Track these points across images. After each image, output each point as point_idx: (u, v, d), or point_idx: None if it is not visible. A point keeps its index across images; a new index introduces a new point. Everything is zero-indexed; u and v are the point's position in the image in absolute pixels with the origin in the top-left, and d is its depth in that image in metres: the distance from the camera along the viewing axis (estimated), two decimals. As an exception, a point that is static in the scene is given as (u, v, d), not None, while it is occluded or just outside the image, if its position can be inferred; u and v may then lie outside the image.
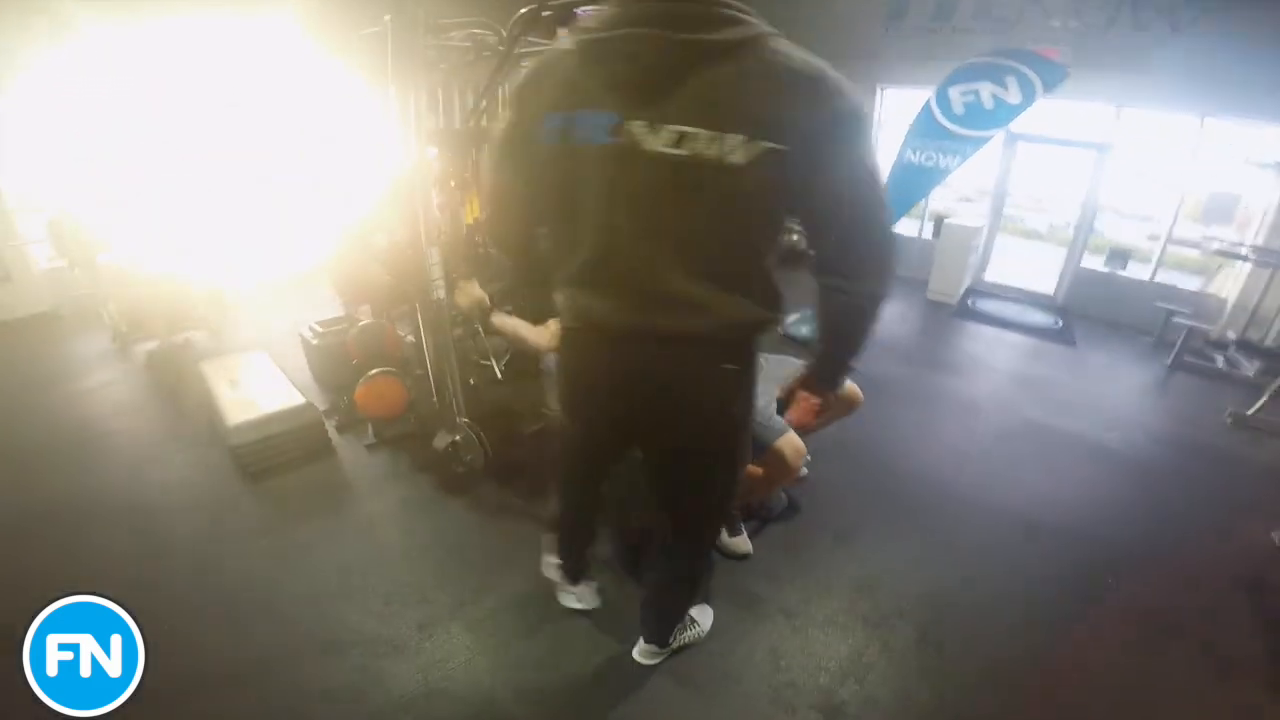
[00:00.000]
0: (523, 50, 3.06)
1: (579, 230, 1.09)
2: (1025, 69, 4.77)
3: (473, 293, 2.21)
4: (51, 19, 3.80)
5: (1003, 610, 2.05)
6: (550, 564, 1.89)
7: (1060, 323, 5.32)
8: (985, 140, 5.23)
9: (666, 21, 0.94)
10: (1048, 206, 8.48)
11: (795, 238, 1.18)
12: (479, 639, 1.78)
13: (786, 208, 1.07)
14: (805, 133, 0.97)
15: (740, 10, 0.97)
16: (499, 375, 3.44)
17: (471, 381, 2.75)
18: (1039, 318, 5.43)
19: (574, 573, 1.85)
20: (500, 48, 3.18)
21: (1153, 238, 6.30)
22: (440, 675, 1.65)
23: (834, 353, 1.24)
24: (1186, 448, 3.38)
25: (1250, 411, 3.58)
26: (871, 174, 1.05)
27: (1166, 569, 2.32)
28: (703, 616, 1.83)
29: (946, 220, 5.78)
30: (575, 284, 1.16)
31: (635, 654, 1.73)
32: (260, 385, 2.85)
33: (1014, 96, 4.90)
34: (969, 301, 5.65)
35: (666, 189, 1.01)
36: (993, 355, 4.60)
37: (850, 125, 1.00)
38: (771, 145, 0.96)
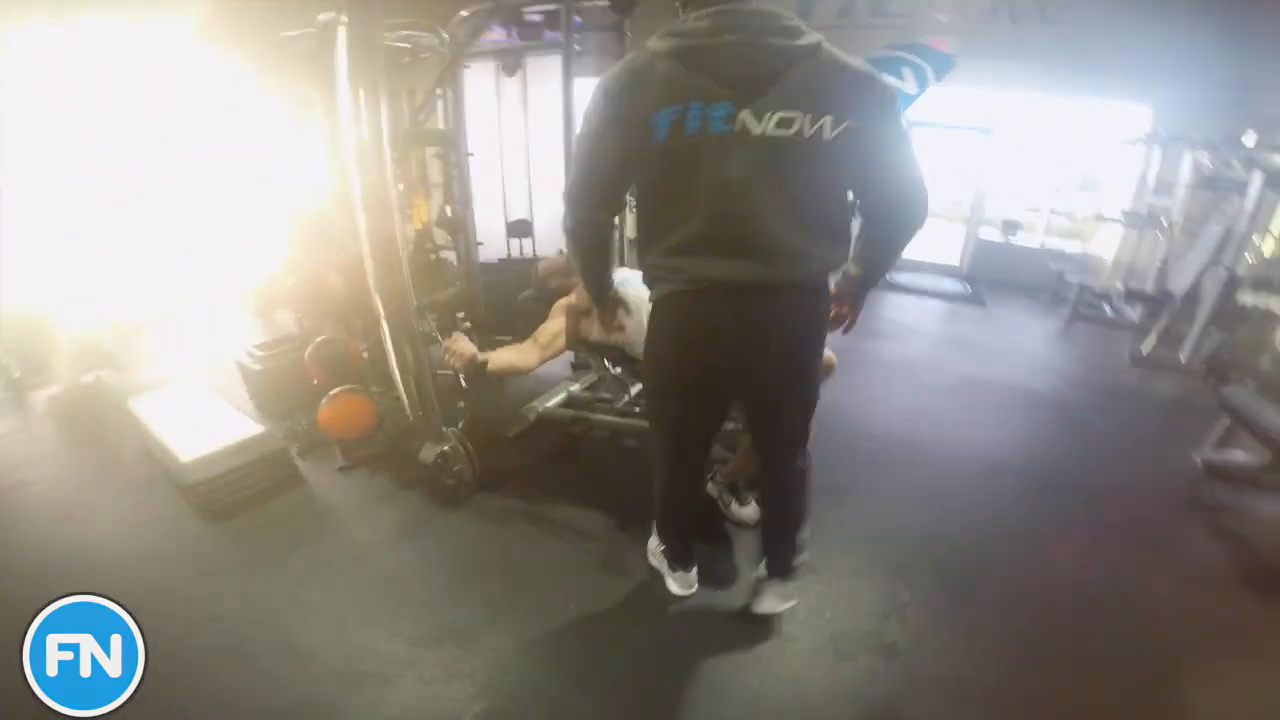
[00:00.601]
0: (472, 50, 2.99)
1: (690, 205, 1.27)
2: (919, 60, 5.17)
3: (463, 350, 2.20)
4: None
5: (997, 542, 2.22)
6: (655, 550, 1.95)
7: (969, 288, 5.83)
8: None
9: (763, 30, 1.19)
10: (940, 186, 9.21)
11: None
12: (526, 647, 1.69)
13: (858, 168, 1.30)
14: (869, 112, 1.25)
15: (800, 21, 1.24)
16: (463, 383, 3.31)
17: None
18: (950, 285, 5.92)
19: (682, 556, 1.86)
20: (440, 48, 3.09)
21: (1032, 209, 7.04)
22: (503, 690, 1.55)
23: (872, 272, 1.50)
24: (1099, 387, 3.80)
25: (1144, 351, 4.09)
26: (910, 140, 1.36)
27: (1117, 494, 2.59)
28: None
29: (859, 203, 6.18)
30: (689, 252, 1.31)
31: (763, 607, 1.74)
32: (207, 417, 2.57)
33: (910, 86, 5.30)
34: (886, 276, 6.06)
35: (776, 163, 1.24)
36: (918, 321, 4.96)
37: (896, 105, 1.31)
38: (849, 123, 1.23)
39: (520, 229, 3.41)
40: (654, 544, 1.98)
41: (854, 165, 1.28)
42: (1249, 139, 3.73)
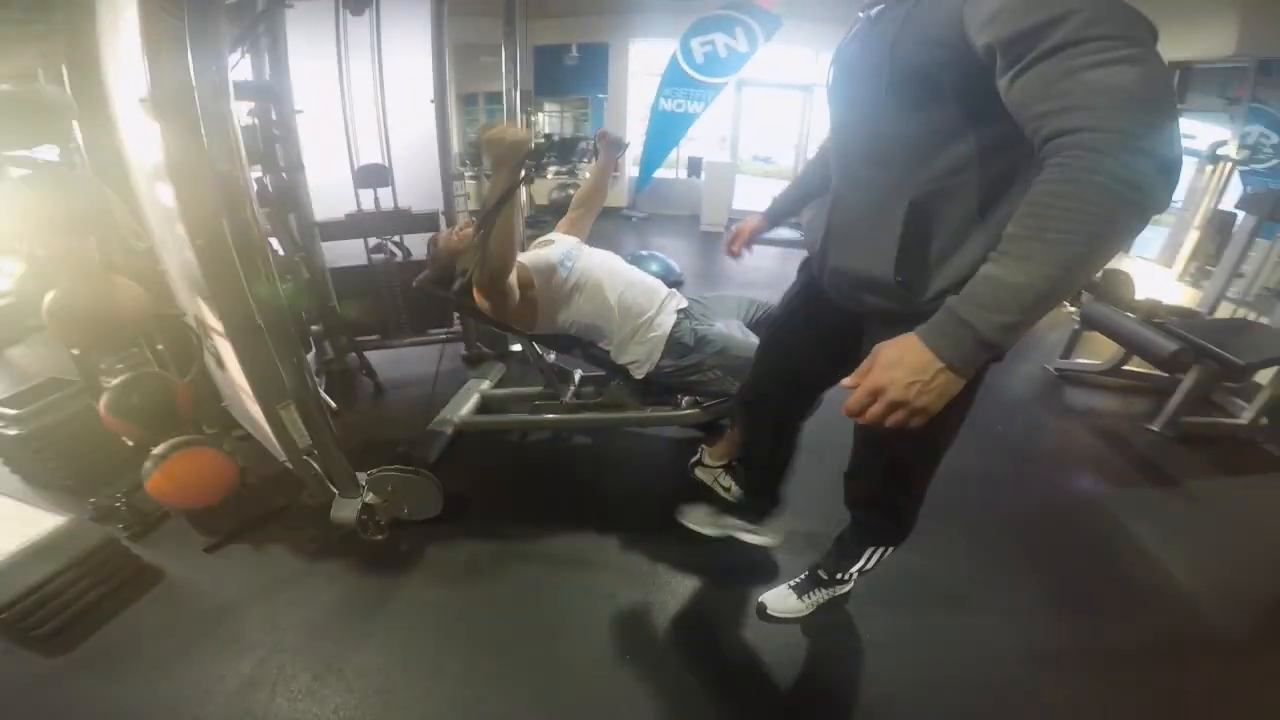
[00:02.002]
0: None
1: None
2: (749, 20, 5.26)
3: (514, 135, 1.48)
4: None
5: (959, 475, 2.31)
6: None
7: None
8: (723, 85, 5.70)
9: None
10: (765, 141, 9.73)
11: None
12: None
13: None
14: None
15: None
16: (333, 405, 2.64)
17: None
18: (787, 233, 6.28)
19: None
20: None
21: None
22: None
23: None
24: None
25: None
26: None
27: (1007, 407, 2.90)
28: None
29: (707, 160, 6.22)
30: None
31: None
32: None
33: (742, 45, 5.40)
34: (733, 228, 6.25)
35: None
36: (777, 267, 5.14)
37: None
38: None
39: (372, 176, 2.68)
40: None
41: None
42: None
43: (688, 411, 2.11)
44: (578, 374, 2.40)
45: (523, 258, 1.86)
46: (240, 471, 2.00)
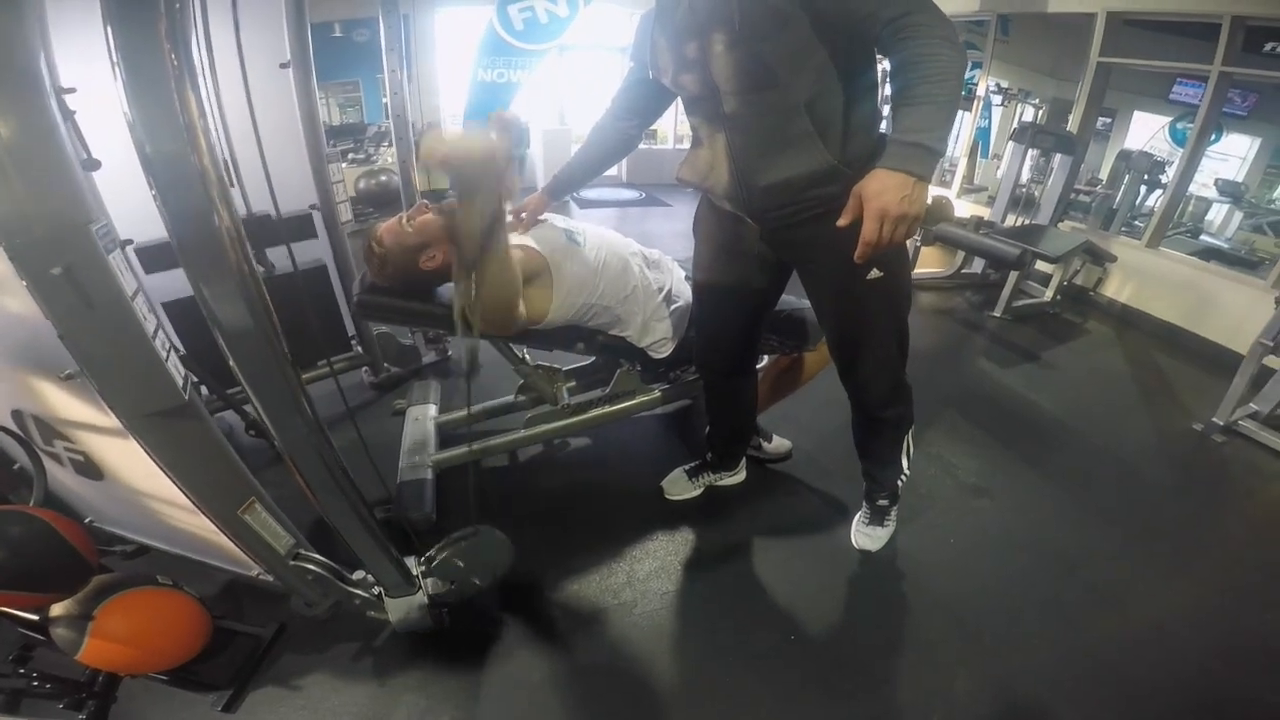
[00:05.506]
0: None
1: None
2: (569, -18, 4.79)
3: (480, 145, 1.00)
4: None
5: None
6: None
7: (641, 194, 6.18)
8: (545, 52, 5.19)
9: None
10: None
11: None
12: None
13: None
14: None
15: None
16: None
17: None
18: (627, 194, 6.16)
19: None
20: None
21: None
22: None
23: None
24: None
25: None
26: None
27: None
28: None
29: (545, 128, 5.71)
30: None
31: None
32: None
33: (562, 9, 4.94)
34: (576, 193, 5.94)
35: None
36: (636, 227, 5.04)
37: None
38: None
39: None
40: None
41: None
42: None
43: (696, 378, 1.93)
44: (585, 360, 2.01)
45: (528, 238, 1.47)
46: (204, 605, 1.41)
